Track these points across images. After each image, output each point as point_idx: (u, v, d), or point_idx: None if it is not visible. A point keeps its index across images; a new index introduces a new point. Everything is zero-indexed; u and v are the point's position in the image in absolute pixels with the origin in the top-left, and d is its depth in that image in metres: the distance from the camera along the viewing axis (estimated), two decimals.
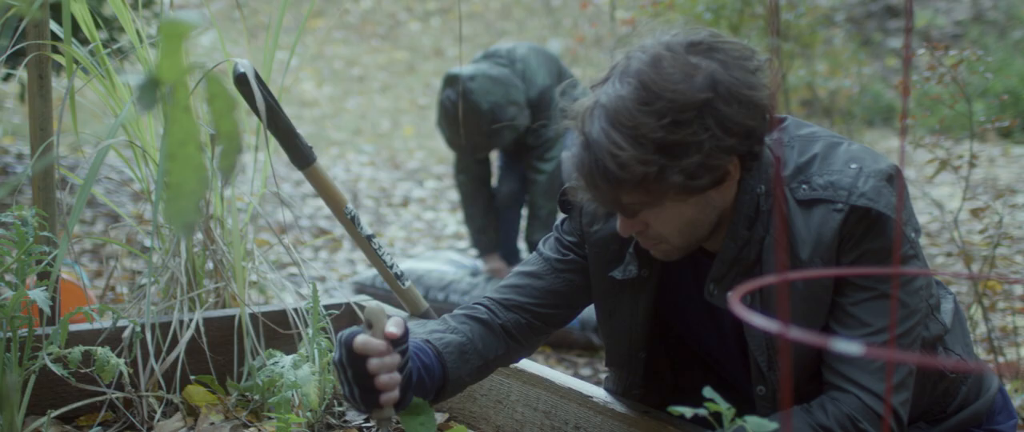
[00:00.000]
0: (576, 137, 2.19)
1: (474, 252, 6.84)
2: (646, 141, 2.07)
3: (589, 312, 5.43)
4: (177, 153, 1.41)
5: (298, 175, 8.37)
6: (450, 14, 18.00)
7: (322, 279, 6.15)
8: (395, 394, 2.17)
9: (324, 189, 3.25)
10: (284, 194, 3.49)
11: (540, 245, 2.60)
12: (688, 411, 2.07)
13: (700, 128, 2.07)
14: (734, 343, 2.43)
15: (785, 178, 2.25)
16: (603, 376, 4.87)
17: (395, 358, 2.15)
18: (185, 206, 1.41)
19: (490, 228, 6.05)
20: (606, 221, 2.43)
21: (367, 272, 5.96)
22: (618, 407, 2.66)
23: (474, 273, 5.88)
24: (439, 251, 6.82)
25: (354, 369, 2.15)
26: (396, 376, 2.16)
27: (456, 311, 2.52)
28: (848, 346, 1.26)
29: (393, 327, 2.15)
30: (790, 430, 2.17)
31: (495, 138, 5.67)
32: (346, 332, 2.18)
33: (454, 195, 8.95)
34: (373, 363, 2.13)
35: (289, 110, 3.23)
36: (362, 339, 2.13)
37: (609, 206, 2.24)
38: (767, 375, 2.32)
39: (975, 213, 4.49)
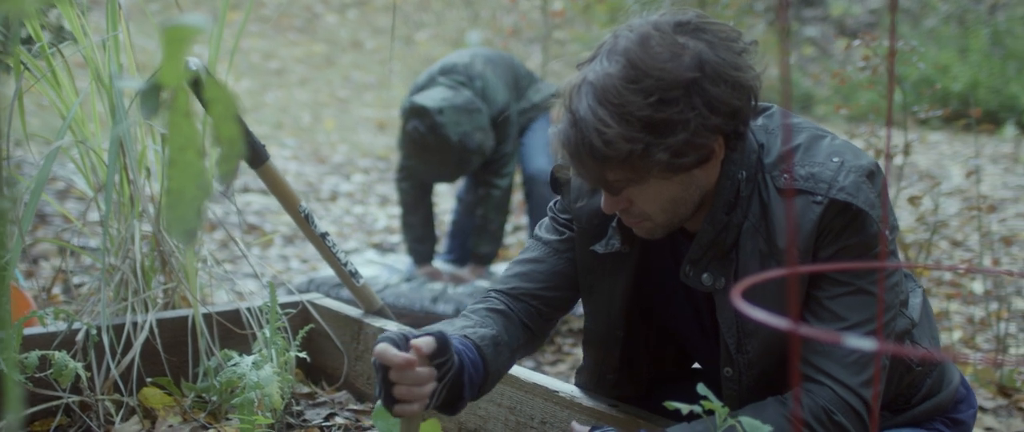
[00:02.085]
0: (563, 114, 2.19)
1: (401, 253, 6.81)
2: (633, 119, 2.08)
3: None
4: (177, 159, 1.39)
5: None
6: (367, 6, 17.91)
7: (259, 276, 6.08)
8: (411, 407, 2.16)
9: (277, 187, 3.22)
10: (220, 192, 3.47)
11: (536, 230, 2.61)
12: (684, 407, 2.08)
13: (686, 107, 2.08)
14: (709, 324, 2.45)
15: (767, 166, 2.27)
16: (546, 369, 4.88)
17: (419, 375, 2.14)
18: (185, 213, 1.40)
19: (428, 239, 5.98)
20: (591, 197, 2.44)
21: (302, 277, 5.91)
22: (586, 401, 2.67)
23: (409, 278, 5.85)
24: (364, 252, 6.78)
25: (380, 373, 2.15)
26: (416, 391, 2.14)
27: (473, 306, 2.51)
28: (861, 342, 1.27)
29: (421, 343, 2.14)
30: (798, 417, 2.19)
31: (465, 166, 5.59)
32: (384, 333, 2.18)
33: (383, 189, 8.91)
34: (392, 374, 2.13)
35: None
36: (381, 347, 2.13)
37: (594, 182, 2.24)
38: (735, 357, 2.35)
39: (912, 201, 4.56)
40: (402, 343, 2.14)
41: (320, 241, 3.28)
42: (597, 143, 2.11)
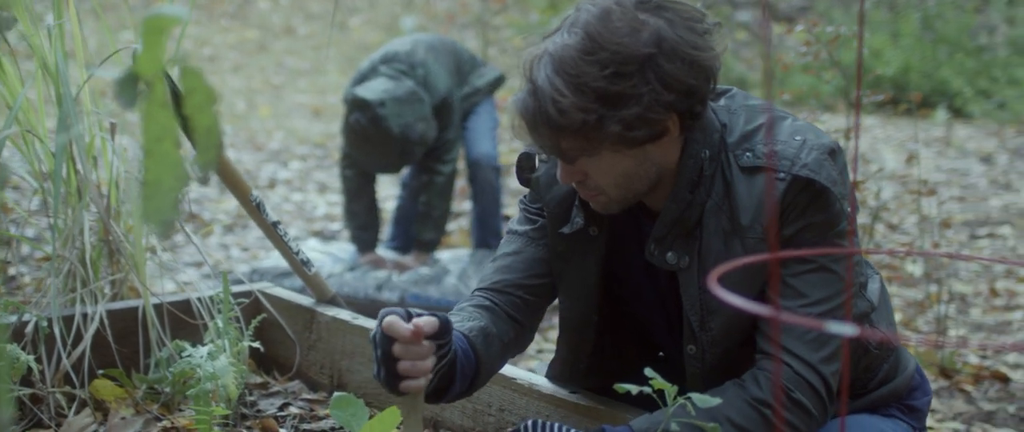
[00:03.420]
0: (523, 83, 2.24)
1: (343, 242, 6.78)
2: (587, 90, 2.13)
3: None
4: (153, 149, 1.37)
5: None
6: None
7: (211, 266, 6.03)
8: (417, 383, 2.18)
9: (229, 176, 3.20)
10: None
11: (510, 224, 2.62)
12: (633, 388, 2.11)
13: (641, 81, 2.13)
14: (672, 304, 2.46)
15: (730, 145, 2.30)
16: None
17: (422, 349, 2.16)
18: (163, 204, 1.38)
19: (371, 226, 5.98)
20: (557, 184, 2.45)
21: (244, 266, 5.88)
22: (544, 388, 2.67)
23: (352, 266, 5.83)
24: (305, 240, 6.75)
25: (383, 348, 2.17)
26: (420, 366, 2.16)
27: (459, 305, 2.52)
28: (841, 328, 1.28)
29: (423, 322, 2.16)
30: (779, 398, 2.21)
31: (408, 157, 5.60)
32: (387, 308, 2.20)
33: (321, 176, 8.87)
34: (397, 348, 2.15)
35: None
36: (390, 320, 2.15)
37: (549, 151, 2.28)
38: (698, 335, 2.37)
39: (856, 186, 4.60)
40: (405, 319, 2.17)
41: (272, 230, 3.25)
42: (552, 112, 2.16)
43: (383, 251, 6.12)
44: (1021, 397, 4.38)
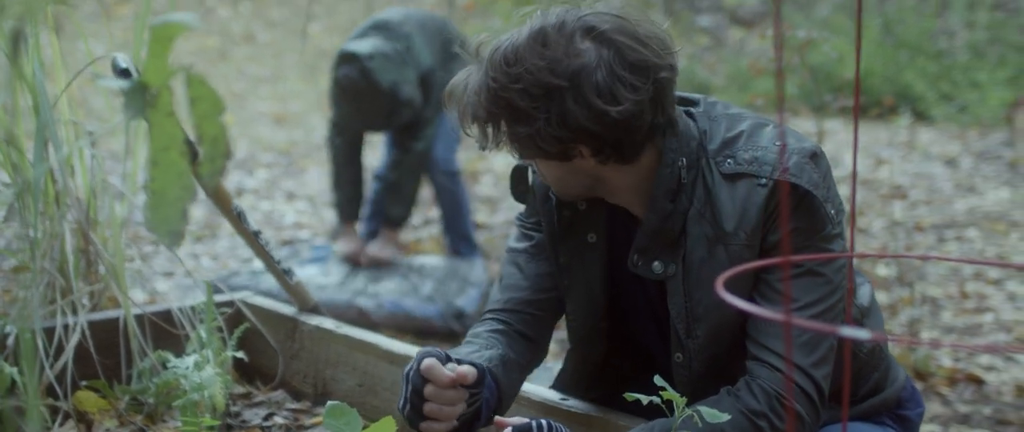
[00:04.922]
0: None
1: (318, 242, 6.77)
2: (495, 95, 2.20)
3: (448, 300, 5.44)
4: (159, 159, 1.36)
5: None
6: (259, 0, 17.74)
7: (171, 275, 6.00)
8: (439, 426, 2.24)
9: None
10: (118, 187, 3.42)
11: (508, 243, 2.63)
12: (644, 398, 2.11)
13: (541, 108, 2.16)
14: (661, 312, 2.46)
15: (711, 152, 2.30)
16: None
17: (454, 395, 2.23)
18: (169, 214, 1.37)
19: (356, 197, 6.04)
20: (551, 199, 2.47)
21: (214, 276, 5.85)
22: (534, 395, 2.66)
23: (325, 271, 5.83)
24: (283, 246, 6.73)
25: (413, 386, 2.23)
26: (447, 411, 2.23)
27: (474, 330, 2.55)
28: (856, 332, 1.29)
29: (465, 370, 2.22)
30: (791, 409, 2.22)
31: (394, 116, 5.65)
32: (426, 349, 2.26)
33: (288, 184, 8.84)
34: (429, 390, 2.21)
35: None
36: (429, 363, 2.21)
37: (469, 124, 2.33)
38: (685, 343, 2.37)
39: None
40: (443, 360, 2.23)
41: (253, 239, 3.23)
42: (464, 96, 2.27)
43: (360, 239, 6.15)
44: (996, 399, 4.41)
